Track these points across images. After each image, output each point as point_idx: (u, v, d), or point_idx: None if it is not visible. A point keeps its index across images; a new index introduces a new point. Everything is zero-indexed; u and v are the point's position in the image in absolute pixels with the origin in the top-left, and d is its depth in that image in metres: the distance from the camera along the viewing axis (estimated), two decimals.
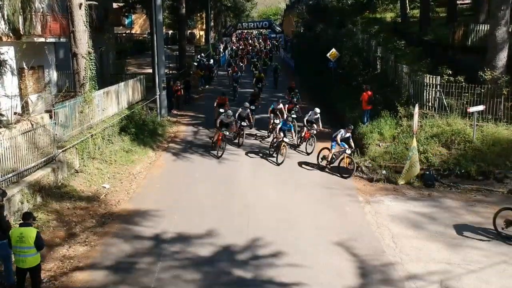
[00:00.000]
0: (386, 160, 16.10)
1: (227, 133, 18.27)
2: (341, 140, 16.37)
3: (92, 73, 17.24)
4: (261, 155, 18.38)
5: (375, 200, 14.17)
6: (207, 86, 34.56)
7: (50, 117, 15.03)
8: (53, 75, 21.69)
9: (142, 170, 16.56)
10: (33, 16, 17.22)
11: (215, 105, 21.76)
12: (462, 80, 16.92)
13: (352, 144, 16.48)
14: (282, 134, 17.49)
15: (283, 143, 17.26)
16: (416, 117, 15.47)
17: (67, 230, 11.52)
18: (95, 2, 17.67)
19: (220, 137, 17.99)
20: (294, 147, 19.15)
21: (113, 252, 10.69)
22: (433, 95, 17.74)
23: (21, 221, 8.76)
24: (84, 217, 12.31)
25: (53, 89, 20.95)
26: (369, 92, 19.46)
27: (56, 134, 14.20)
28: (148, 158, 17.90)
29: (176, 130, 22.22)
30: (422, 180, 15.33)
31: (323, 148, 17.12)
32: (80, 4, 16.53)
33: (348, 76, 24.81)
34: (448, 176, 15.40)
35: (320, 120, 18.85)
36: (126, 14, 46.19)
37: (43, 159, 13.27)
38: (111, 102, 19.17)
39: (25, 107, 18.09)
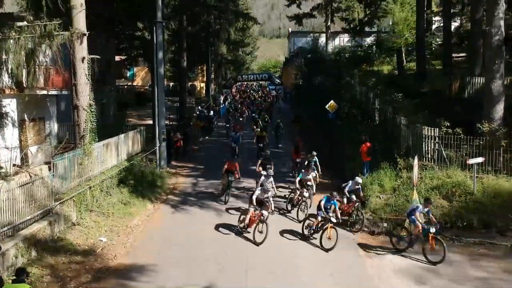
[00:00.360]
0: (387, 212, 15.92)
1: (266, 213, 14.58)
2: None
3: (93, 125, 17.38)
4: (299, 237, 15.07)
5: (377, 253, 13.90)
6: (206, 137, 34.76)
7: (49, 169, 15.02)
8: (54, 126, 21.83)
9: (140, 223, 16.34)
10: (37, 69, 17.53)
11: (223, 171, 18.64)
12: (461, 132, 17.02)
13: (434, 220, 13.66)
14: (324, 212, 14.38)
15: (330, 224, 14.11)
16: (415, 169, 15.44)
17: (61, 285, 11.24)
18: (97, 56, 18.03)
19: (254, 218, 14.66)
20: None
21: None
22: (432, 146, 17.79)
23: (14, 277, 8.55)
24: (79, 272, 12.03)
25: (53, 141, 21.03)
26: (368, 144, 19.50)
27: (54, 186, 14.13)
28: (146, 210, 17.70)
29: (175, 182, 22.10)
30: None
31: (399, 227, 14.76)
32: (83, 58, 16.91)
33: (347, 128, 24.95)
34: (450, 229, 15.17)
35: (361, 191, 16.36)
36: (128, 66, 47.25)
37: (40, 212, 13.15)
38: (111, 154, 19.19)
39: (24, 158, 18.10)
